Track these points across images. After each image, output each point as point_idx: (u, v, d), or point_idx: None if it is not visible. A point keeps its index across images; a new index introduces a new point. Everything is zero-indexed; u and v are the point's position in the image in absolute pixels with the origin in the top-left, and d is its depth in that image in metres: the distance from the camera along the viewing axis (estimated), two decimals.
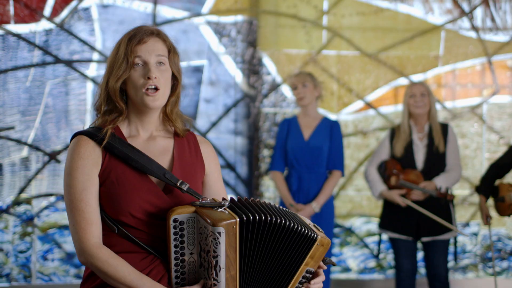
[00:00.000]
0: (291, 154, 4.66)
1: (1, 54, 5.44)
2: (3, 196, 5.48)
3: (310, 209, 4.56)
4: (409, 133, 4.57)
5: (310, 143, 4.65)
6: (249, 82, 5.82)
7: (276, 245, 2.09)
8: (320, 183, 4.64)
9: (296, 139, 4.68)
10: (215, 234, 2.00)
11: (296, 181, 4.65)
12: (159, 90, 2.17)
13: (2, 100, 5.46)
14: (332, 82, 5.88)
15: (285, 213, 2.13)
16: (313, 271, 2.15)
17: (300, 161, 4.65)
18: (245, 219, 2.03)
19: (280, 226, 2.07)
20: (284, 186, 4.65)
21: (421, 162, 4.53)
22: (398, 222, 4.54)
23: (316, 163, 4.64)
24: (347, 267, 5.91)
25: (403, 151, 4.55)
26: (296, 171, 4.66)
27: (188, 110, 5.76)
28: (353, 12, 5.88)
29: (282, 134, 4.73)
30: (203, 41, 5.77)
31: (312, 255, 2.11)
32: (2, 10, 5.43)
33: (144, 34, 2.19)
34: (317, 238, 2.10)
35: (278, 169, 4.72)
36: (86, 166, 2.13)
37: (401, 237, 4.54)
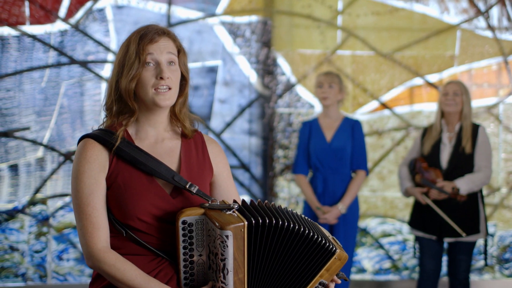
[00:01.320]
0: (314, 157, 4.65)
1: (16, 55, 5.47)
2: (18, 196, 5.50)
3: (336, 211, 4.54)
4: (439, 132, 4.56)
5: (333, 145, 4.64)
6: (263, 83, 5.81)
7: (289, 251, 2.06)
8: (345, 184, 4.63)
9: (318, 141, 4.66)
10: (222, 237, 1.99)
11: (322, 184, 4.63)
12: (171, 90, 2.15)
13: (17, 101, 5.48)
14: (347, 82, 5.86)
15: (303, 220, 2.12)
16: (326, 283, 2.13)
17: (324, 163, 4.63)
18: (254, 222, 2.02)
19: (292, 231, 2.05)
20: (309, 189, 4.64)
21: (445, 162, 4.52)
22: (423, 221, 4.54)
23: (340, 164, 4.63)
24: (362, 268, 5.88)
25: (430, 149, 4.55)
26: (320, 173, 4.64)
27: (202, 110, 5.76)
28: (368, 12, 5.85)
29: (304, 136, 4.71)
30: (217, 41, 5.77)
31: (328, 267, 2.10)
32: (17, 12, 5.45)
33: (155, 34, 2.17)
34: (335, 252, 2.09)
35: (302, 173, 4.70)
36: (93, 169, 2.12)
37: (425, 236, 4.53)
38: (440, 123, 4.58)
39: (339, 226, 4.60)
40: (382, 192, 5.80)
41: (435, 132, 4.56)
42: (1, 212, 5.47)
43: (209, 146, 2.32)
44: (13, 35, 5.46)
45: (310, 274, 2.10)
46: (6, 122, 5.47)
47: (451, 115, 4.55)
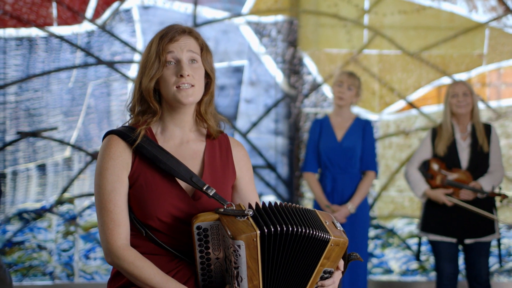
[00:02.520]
0: (324, 155, 4.63)
1: (44, 56, 5.52)
2: (46, 195, 5.55)
3: (345, 210, 4.53)
4: (452, 133, 4.49)
5: (343, 144, 4.62)
6: (289, 82, 5.80)
7: (295, 252, 2.05)
8: (354, 184, 4.61)
9: (328, 140, 4.64)
10: (235, 246, 1.98)
11: (331, 182, 4.62)
12: (193, 87, 2.14)
13: (45, 101, 5.53)
14: (374, 81, 5.82)
15: (303, 215, 2.08)
16: (332, 271, 2.11)
17: (334, 162, 4.61)
18: (266, 231, 1.99)
19: (299, 235, 2.03)
20: (318, 187, 4.62)
21: (466, 162, 4.46)
22: (440, 224, 4.46)
23: (350, 164, 4.61)
24: (389, 268, 5.84)
25: (446, 150, 4.48)
26: (330, 172, 4.63)
27: (228, 110, 5.76)
28: (395, 11, 5.81)
29: (314, 134, 4.69)
30: (243, 41, 5.77)
31: (327, 255, 2.07)
32: (45, 13, 5.50)
33: (175, 33, 2.17)
34: (329, 239, 2.05)
35: (311, 170, 4.68)
36: (116, 166, 2.12)
37: (443, 240, 4.45)
38: (451, 123, 4.51)
39: (347, 227, 4.56)
40: (409, 192, 5.74)
41: (447, 133, 4.49)
42: (29, 211, 5.53)
43: (234, 150, 2.31)
44: (41, 36, 5.51)
45: (311, 266, 2.08)
46: (34, 122, 5.52)
47: (463, 116, 4.48)
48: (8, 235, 5.50)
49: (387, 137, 5.85)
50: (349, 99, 4.65)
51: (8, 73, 5.48)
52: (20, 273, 5.51)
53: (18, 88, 5.50)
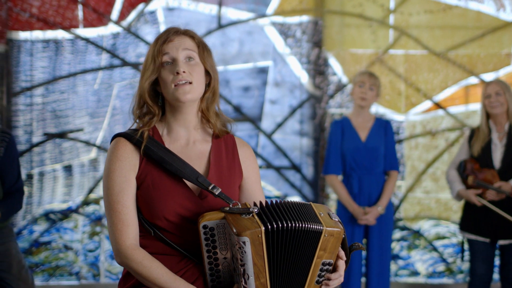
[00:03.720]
0: (349, 157, 4.60)
1: (70, 58, 5.57)
2: (72, 196, 5.60)
3: (376, 211, 4.51)
4: (487, 133, 4.45)
5: (368, 144, 4.60)
6: (314, 83, 5.77)
7: (293, 247, 2.06)
8: (380, 184, 4.60)
9: (353, 141, 4.61)
10: (240, 243, 1.98)
11: (357, 184, 4.59)
12: (191, 84, 2.16)
13: (71, 103, 5.58)
14: (399, 82, 5.77)
15: (299, 210, 2.09)
16: (331, 262, 2.11)
17: (359, 163, 4.59)
18: (270, 227, 2.00)
19: (298, 229, 2.04)
20: (344, 190, 4.59)
21: (498, 162, 4.40)
22: (475, 223, 4.43)
23: (375, 164, 4.59)
24: (416, 270, 5.79)
25: (480, 150, 4.44)
26: (356, 173, 4.60)
27: (253, 111, 5.76)
28: (421, 10, 5.75)
29: (336, 136, 4.65)
30: (268, 42, 5.76)
31: (322, 247, 2.06)
32: (71, 15, 5.55)
33: (170, 34, 2.21)
34: (322, 230, 2.05)
35: (335, 173, 4.65)
36: (123, 168, 2.15)
37: (478, 239, 4.42)
38: (487, 124, 4.46)
39: (375, 227, 4.56)
40: (436, 193, 5.69)
41: (483, 134, 4.45)
42: (56, 212, 5.58)
43: (240, 149, 2.32)
44: (67, 38, 5.56)
45: (308, 260, 2.08)
46: (61, 124, 5.58)
47: (498, 116, 4.43)
48: (35, 235, 5.56)
49: (413, 137, 5.79)
50: (371, 99, 4.63)
51: (35, 75, 5.55)
52: (46, 273, 5.57)
53: (45, 90, 5.56)
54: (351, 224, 4.55)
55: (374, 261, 4.59)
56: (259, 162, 5.76)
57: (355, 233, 4.56)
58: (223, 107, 5.71)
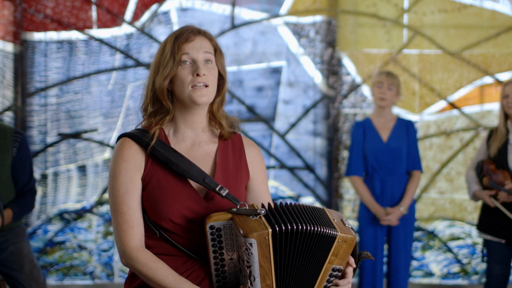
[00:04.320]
0: (371, 157, 4.58)
1: (84, 59, 5.60)
2: (86, 196, 5.63)
3: (399, 212, 4.49)
4: (505, 134, 4.40)
5: (390, 145, 4.57)
6: (328, 83, 5.76)
7: (304, 250, 2.05)
8: (402, 185, 4.57)
9: (374, 142, 4.59)
10: (247, 245, 1.98)
11: (380, 184, 4.57)
12: (208, 87, 2.16)
13: (85, 103, 5.61)
14: (414, 81, 5.74)
15: (312, 213, 2.08)
16: (341, 268, 2.09)
17: (382, 163, 4.56)
18: (278, 229, 1.99)
19: (308, 232, 2.02)
20: (367, 191, 4.57)
21: None
22: (491, 224, 4.40)
23: (397, 165, 4.57)
24: (430, 271, 5.75)
25: (497, 151, 4.40)
26: (378, 174, 4.58)
27: (267, 111, 5.75)
28: (435, 10, 5.72)
29: (358, 137, 4.64)
30: (281, 42, 5.75)
31: (334, 252, 2.05)
32: (85, 16, 5.58)
33: (190, 33, 2.18)
34: (336, 235, 2.04)
35: (358, 174, 4.63)
36: (129, 169, 2.14)
37: (494, 240, 4.38)
38: (505, 124, 4.42)
39: (399, 228, 4.54)
40: (451, 194, 5.65)
41: (500, 135, 4.41)
42: (70, 212, 5.61)
43: (247, 150, 2.30)
44: (80, 39, 5.59)
45: (319, 264, 2.07)
46: (75, 124, 5.61)
47: None
48: (49, 235, 5.59)
49: (428, 138, 5.76)
50: (391, 99, 4.60)
51: (49, 76, 5.58)
52: (61, 273, 5.59)
53: (59, 90, 5.60)
54: (374, 225, 4.53)
55: (397, 261, 4.56)
56: (272, 163, 5.76)
57: (377, 234, 4.54)
58: (237, 107, 5.72)
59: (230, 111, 5.70)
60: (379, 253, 4.56)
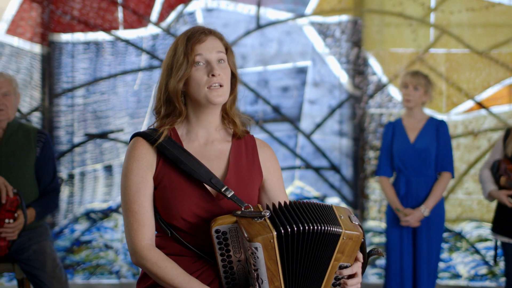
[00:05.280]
0: (397, 158, 4.53)
1: (110, 59, 5.64)
2: (113, 196, 5.67)
3: (419, 213, 4.43)
4: None
5: (416, 146, 4.51)
6: (354, 83, 5.73)
7: (310, 249, 2.04)
8: (429, 187, 4.50)
9: (401, 142, 4.54)
10: (252, 249, 1.98)
11: (404, 186, 4.52)
12: (223, 87, 2.16)
13: (112, 104, 5.66)
14: (441, 81, 5.68)
15: (317, 211, 2.07)
16: (348, 266, 2.08)
17: (407, 164, 4.51)
18: (283, 232, 1.99)
19: (312, 232, 2.02)
20: (391, 191, 4.53)
21: None
22: (508, 225, 4.32)
23: (424, 166, 4.50)
24: (457, 273, 5.69)
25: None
26: (403, 175, 4.53)
27: (292, 111, 5.74)
28: (462, 8, 5.65)
29: (387, 137, 4.60)
30: (307, 42, 5.74)
31: (340, 250, 2.04)
32: (111, 17, 5.63)
33: (202, 34, 2.19)
34: (341, 233, 2.03)
35: (385, 174, 4.59)
36: (140, 168, 2.14)
37: (511, 242, 4.31)
38: None
39: (422, 230, 4.48)
40: (478, 195, 5.58)
41: None
42: (96, 211, 5.66)
43: (261, 150, 2.30)
44: (107, 40, 5.64)
45: (326, 261, 2.06)
46: (101, 124, 5.66)
47: None
48: (76, 234, 5.65)
49: (455, 138, 5.69)
50: (417, 99, 4.53)
51: (76, 77, 5.64)
52: (87, 272, 5.65)
53: (86, 91, 5.65)
54: (399, 226, 4.48)
55: (419, 264, 4.50)
56: (298, 163, 5.75)
57: (403, 235, 4.49)
58: (262, 108, 5.72)
59: (256, 111, 5.70)
60: (405, 254, 4.50)
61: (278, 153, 5.72)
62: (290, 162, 5.75)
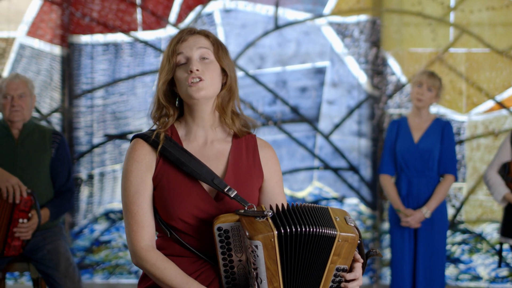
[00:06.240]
0: (400, 157, 4.51)
1: (129, 61, 5.68)
2: None
3: (420, 215, 4.39)
4: None
5: (420, 146, 4.48)
6: (372, 83, 5.70)
7: (308, 251, 2.04)
8: (431, 188, 4.47)
9: (405, 142, 4.51)
10: (252, 247, 1.98)
11: (406, 186, 4.49)
12: (203, 81, 2.15)
13: (130, 105, 5.69)
14: (460, 81, 5.63)
15: (314, 214, 2.06)
16: (346, 268, 2.07)
17: (410, 164, 4.48)
18: (283, 232, 1.99)
19: (311, 234, 2.01)
20: (393, 190, 4.51)
21: None
22: None
23: (427, 167, 4.47)
24: (477, 275, 5.63)
25: None
26: (405, 175, 4.50)
27: (310, 112, 5.73)
28: (482, 7, 5.59)
29: (391, 135, 4.57)
30: (325, 42, 5.72)
31: (336, 252, 2.03)
32: (130, 19, 5.67)
33: (187, 34, 2.20)
34: (335, 235, 2.02)
35: (388, 173, 4.57)
36: (140, 169, 2.16)
37: None
38: None
39: (423, 231, 4.44)
40: None
41: None
42: (116, 212, 5.70)
43: (262, 151, 2.29)
44: (126, 41, 5.68)
45: (322, 265, 2.05)
46: (120, 125, 5.70)
47: None
48: (95, 234, 5.70)
49: (475, 138, 5.63)
50: (428, 100, 4.50)
51: (95, 78, 5.69)
52: (106, 271, 5.69)
53: (105, 92, 5.70)
54: (401, 226, 4.46)
55: (421, 265, 4.47)
56: (316, 163, 5.73)
57: (405, 236, 4.47)
58: (280, 108, 5.71)
59: (274, 112, 5.70)
60: (406, 255, 4.47)
61: (297, 153, 5.71)
62: (309, 163, 5.74)
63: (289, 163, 5.68)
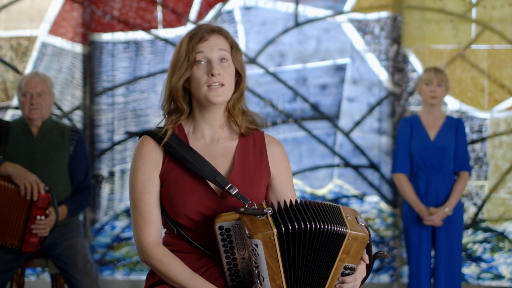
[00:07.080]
0: (417, 155, 4.50)
1: (150, 58, 5.71)
2: None
3: (443, 212, 4.40)
4: None
5: (437, 143, 4.48)
6: (393, 80, 5.66)
7: (313, 248, 2.03)
8: (448, 185, 4.48)
9: (421, 140, 4.50)
10: (252, 245, 1.98)
11: (424, 184, 4.49)
12: (223, 86, 2.16)
13: (151, 102, 5.72)
14: (482, 78, 5.57)
15: (323, 211, 2.06)
16: (353, 267, 2.07)
17: (427, 162, 4.48)
18: (284, 229, 1.99)
19: (316, 230, 2.01)
20: (411, 190, 4.50)
21: None
22: None
23: (444, 164, 4.48)
24: (500, 274, 5.57)
25: None
26: (423, 173, 4.50)
27: (331, 109, 5.71)
28: (505, 3, 5.53)
29: (405, 134, 4.56)
30: (345, 39, 5.70)
31: (345, 250, 2.03)
32: (150, 16, 5.69)
33: (205, 32, 2.19)
34: (346, 233, 2.02)
35: (403, 171, 4.55)
36: (147, 166, 2.17)
37: None
38: None
39: (442, 229, 4.44)
40: None
41: None
42: None
43: (270, 147, 2.29)
44: (146, 39, 5.71)
45: (330, 262, 2.05)
46: (141, 122, 5.73)
47: None
48: (116, 231, 5.74)
49: (497, 136, 5.58)
50: (442, 95, 4.53)
51: (116, 76, 5.72)
52: (127, 268, 5.73)
53: (126, 89, 5.73)
54: (418, 225, 4.45)
55: (442, 263, 4.46)
56: (336, 161, 5.71)
57: (422, 234, 4.46)
58: (300, 105, 5.70)
59: (294, 109, 5.70)
60: (424, 254, 4.46)
61: (317, 151, 5.70)
62: (329, 160, 5.73)
63: (309, 161, 5.68)
